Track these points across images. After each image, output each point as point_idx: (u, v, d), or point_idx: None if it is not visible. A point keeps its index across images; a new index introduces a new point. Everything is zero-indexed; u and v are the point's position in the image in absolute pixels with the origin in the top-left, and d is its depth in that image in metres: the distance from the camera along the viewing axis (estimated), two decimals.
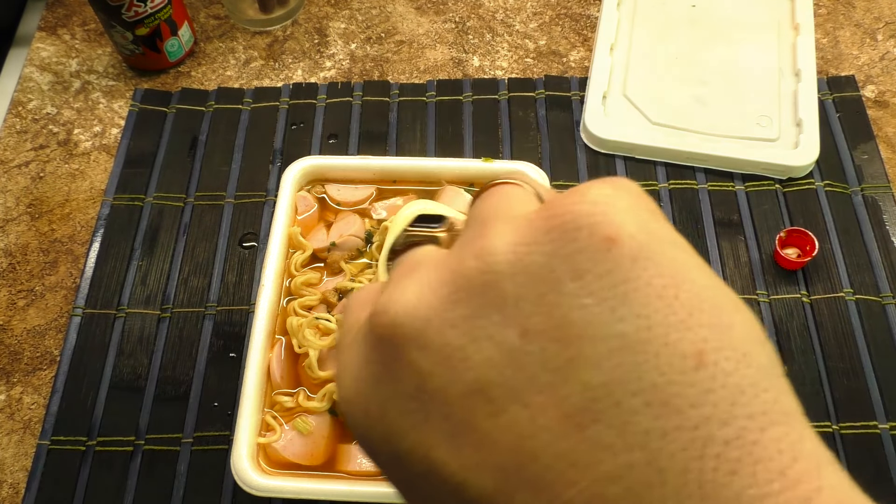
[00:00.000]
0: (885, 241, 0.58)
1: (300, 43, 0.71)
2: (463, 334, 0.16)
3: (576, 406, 0.15)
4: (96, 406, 0.53)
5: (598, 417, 0.15)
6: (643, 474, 0.14)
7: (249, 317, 0.56)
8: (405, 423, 0.17)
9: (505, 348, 0.16)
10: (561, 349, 0.15)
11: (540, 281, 0.16)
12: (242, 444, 0.45)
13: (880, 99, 0.66)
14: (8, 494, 0.50)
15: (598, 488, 0.15)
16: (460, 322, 0.16)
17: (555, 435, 0.15)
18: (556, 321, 0.16)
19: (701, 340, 0.15)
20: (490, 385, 0.16)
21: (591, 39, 0.70)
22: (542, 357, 0.16)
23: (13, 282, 0.58)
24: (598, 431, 0.15)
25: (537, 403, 0.15)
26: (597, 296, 0.15)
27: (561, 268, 0.16)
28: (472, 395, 0.16)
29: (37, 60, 0.71)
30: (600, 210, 0.16)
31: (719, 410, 0.15)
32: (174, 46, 0.68)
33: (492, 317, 0.16)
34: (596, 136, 0.62)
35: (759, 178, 0.61)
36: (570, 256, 0.16)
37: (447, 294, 0.17)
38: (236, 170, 0.63)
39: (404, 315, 0.17)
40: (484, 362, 0.16)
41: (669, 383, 0.15)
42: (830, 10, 0.71)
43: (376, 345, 0.18)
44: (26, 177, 0.64)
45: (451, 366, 0.16)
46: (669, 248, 0.16)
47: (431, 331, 0.17)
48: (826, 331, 0.54)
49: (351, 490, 0.44)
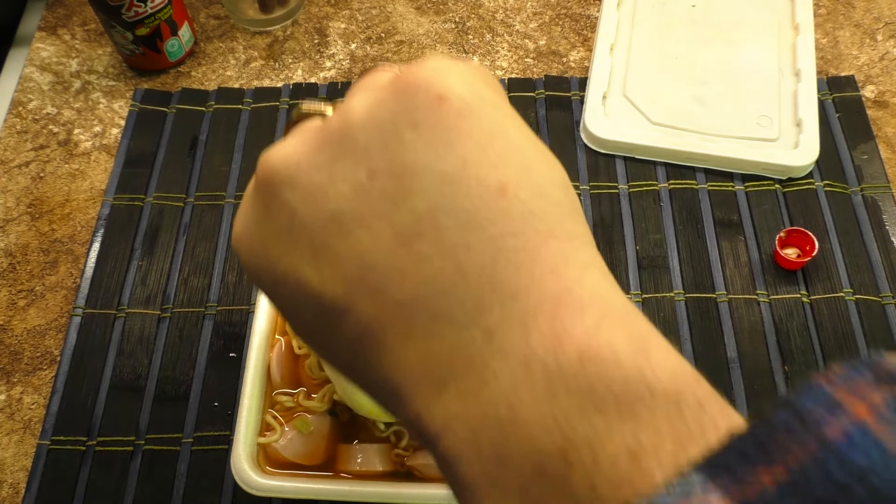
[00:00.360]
0: (885, 241, 0.58)
1: (300, 43, 0.71)
2: (324, 175, 0.20)
3: (405, 227, 0.19)
4: (96, 406, 0.53)
5: (420, 235, 0.19)
6: (451, 276, 0.18)
7: (249, 317, 0.56)
8: (280, 251, 0.21)
9: (356, 185, 0.19)
10: (396, 184, 0.19)
11: (385, 132, 0.20)
12: (242, 444, 0.45)
13: (880, 99, 0.66)
14: (8, 494, 0.50)
15: (418, 290, 0.18)
16: (323, 165, 0.20)
17: (388, 250, 0.19)
18: (394, 163, 0.19)
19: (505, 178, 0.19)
20: (342, 214, 0.19)
21: (591, 39, 0.70)
22: (382, 191, 0.19)
23: (13, 282, 0.59)
24: (420, 246, 0.19)
25: (376, 227, 0.19)
26: (427, 142, 0.19)
27: (402, 121, 0.19)
28: (329, 223, 0.20)
29: (37, 60, 0.71)
30: (437, 75, 0.20)
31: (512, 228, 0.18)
32: (174, 46, 0.68)
33: (347, 161, 0.20)
34: (596, 136, 0.62)
35: (758, 178, 0.61)
36: (410, 112, 0.20)
37: (314, 145, 0.21)
38: (236, 170, 0.63)
39: (280, 162, 0.21)
40: (339, 196, 0.20)
41: (476, 208, 0.19)
42: (830, 10, 0.71)
43: (259, 190, 0.21)
44: (26, 177, 0.64)
45: (314, 201, 0.20)
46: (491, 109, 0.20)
47: (300, 174, 0.20)
48: (826, 331, 0.55)
49: (351, 490, 0.44)
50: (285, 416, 0.48)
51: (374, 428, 0.47)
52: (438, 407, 0.18)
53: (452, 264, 0.18)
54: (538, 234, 0.19)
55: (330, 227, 0.20)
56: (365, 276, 0.19)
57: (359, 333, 0.19)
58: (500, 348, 0.17)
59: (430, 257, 0.18)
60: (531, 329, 0.17)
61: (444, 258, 0.18)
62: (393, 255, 0.19)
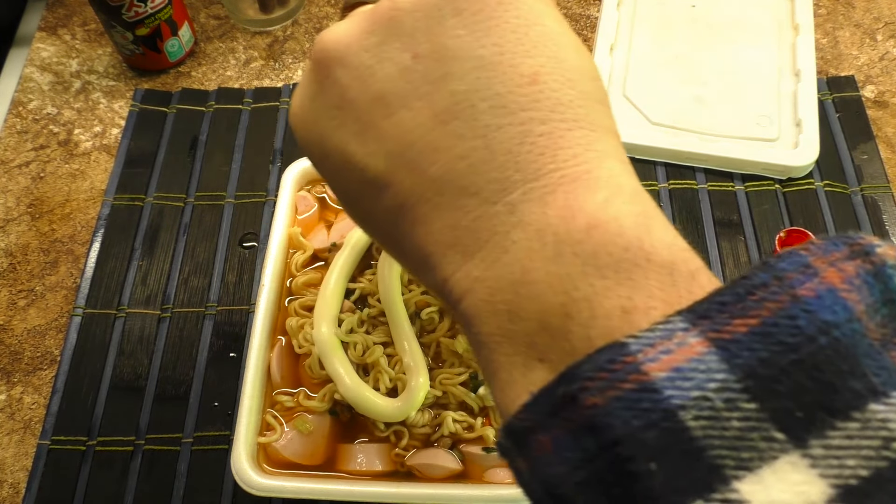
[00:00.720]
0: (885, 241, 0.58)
1: (300, 43, 0.71)
2: (373, 56, 0.22)
3: (443, 108, 0.20)
4: (96, 406, 0.53)
5: (456, 116, 0.20)
6: (481, 154, 0.20)
7: (249, 317, 0.56)
8: (330, 126, 0.22)
9: (401, 67, 0.21)
10: (438, 67, 0.21)
11: (430, 17, 0.21)
12: (242, 443, 0.45)
13: (880, 99, 0.66)
14: (8, 494, 0.50)
15: (451, 164, 0.20)
16: (372, 47, 0.22)
17: (426, 129, 0.20)
18: (437, 47, 0.21)
19: (538, 66, 0.20)
20: (388, 94, 0.21)
21: (591, 39, 0.70)
22: (424, 73, 0.21)
23: (13, 282, 0.59)
24: (455, 126, 0.20)
25: (417, 107, 0.21)
26: (468, 28, 0.21)
27: (447, 7, 0.21)
28: (375, 102, 0.21)
29: (37, 60, 0.71)
30: None
31: (541, 114, 0.20)
32: (174, 46, 0.68)
33: (394, 43, 0.21)
34: None
35: (758, 178, 0.61)
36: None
37: (365, 27, 0.22)
38: (236, 170, 0.63)
39: (332, 42, 0.22)
40: (385, 77, 0.21)
41: (509, 93, 0.20)
42: (830, 10, 0.71)
43: (313, 68, 0.23)
44: (27, 177, 0.64)
45: (362, 80, 0.22)
46: (531, 1, 0.21)
47: (351, 54, 0.22)
48: None
49: (351, 490, 0.44)
50: (285, 416, 0.48)
51: (374, 428, 0.47)
52: (462, 272, 0.20)
53: (483, 144, 0.20)
54: (564, 122, 0.20)
55: (376, 105, 0.21)
56: (405, 151, 0.21)
57: (397, 205, 0.21)
58: (520, 221, 0.19)
59: (464, 136, 0.20)
60: (548, 203, 0.19)
61: (475, 138, 0.20)
62: (430, 133, 0.20)
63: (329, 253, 0.53)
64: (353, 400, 0.45)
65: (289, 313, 0.50)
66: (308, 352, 0.48)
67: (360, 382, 0.46)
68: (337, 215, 0.56)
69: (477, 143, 0.20)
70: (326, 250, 0.53)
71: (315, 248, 0.53)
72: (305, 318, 0.49)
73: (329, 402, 0.47)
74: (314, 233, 0.54)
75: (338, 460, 0.47)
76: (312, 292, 0.51)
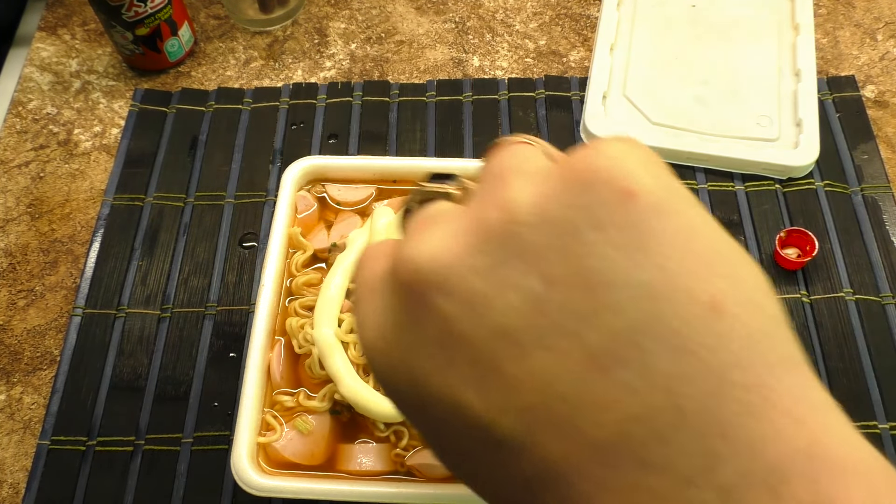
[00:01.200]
0: (885, 241, 0.58)
1: (300, 43, 0.71)
2: (486, 281, 0.17)
3: (600, 350, 0.16)
4: (96, 406, 0.53)
5: (621, 361, 0.15)
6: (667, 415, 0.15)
7: (249, 317, 0.56)
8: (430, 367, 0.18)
9: (529, 295, 0.16)
10: (584, 296, 0.16)
11: (562, 232, 0.16)
12: (242, 443, 0.45)
13: (880, 99, 0.66)
14: (8, 494, 0.50)
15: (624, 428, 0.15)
16: (484, 270, 0.17)
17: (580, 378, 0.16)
18: (578, 270, 0.16)
19: (717, 290, 0.16)
20: (515, 330, 0.16)
21: (591, 39, 0.70)
22: (565, 304, 0.16)
23: (13, 282, 0.59)
24: (622, 374, 0.15)
25: (562, 348, 0.16)
26: (618, 246, 0.16)
27: (582, 219, 0.16)
28: (497, 340, 0.16)
29: (37, 60, 0.71)
30: (617, 164, 0.17)
31: (736, 357, 0.15)
32: (174, 46, 0.68)
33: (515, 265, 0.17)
34: (596, 136, 0.62)
35: (758, 178, 0.61)
36: (591, 208, 0.16)
37: (470, 243, 0.17)
38: (236, 170, 0.63)
39: (429, 262, 0.18)
40: (508, 308, 0.16)
41: (689, 329, 0.15)
42: (830, 10, 0.71)
43: (399, 292, 0.18)
44: (26, 177, 0.64)
45: (475, 311, 0.17)
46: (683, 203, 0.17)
47: (455, 277, 0.17)
48: (826, 331, 0.55)
49: (351, 490, 0.44)
50: (285, 416, 0.48)
51: (374, 428, 0.47)
52: None
53: (667, 400, 0.15)
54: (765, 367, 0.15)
55: (499, 344, 0.17)
56: (551, 407, 0.16)
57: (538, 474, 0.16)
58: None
59: (638, 390, 0.15)
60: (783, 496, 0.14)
61: (654, 391, 0.15)
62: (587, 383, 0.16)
63: (329, 253, 0.53)
64: (353, 400, 0.45)
65: (289, 313, 0.50)
66: (308, 352, 0.48)
67: (361, 382, 0.46)
68: (337, 215, 0.56)
69: (656, 398, 0.15)
70: (326, 250, 0.53)
71: (315, 248, 0.53)
72: (305, 318, 0.49)
73: (329, 402, 0.47)
74: (314, 233, 0.55)
75: (338, 460, 0.47)
76: (312, 292, 0.51)
